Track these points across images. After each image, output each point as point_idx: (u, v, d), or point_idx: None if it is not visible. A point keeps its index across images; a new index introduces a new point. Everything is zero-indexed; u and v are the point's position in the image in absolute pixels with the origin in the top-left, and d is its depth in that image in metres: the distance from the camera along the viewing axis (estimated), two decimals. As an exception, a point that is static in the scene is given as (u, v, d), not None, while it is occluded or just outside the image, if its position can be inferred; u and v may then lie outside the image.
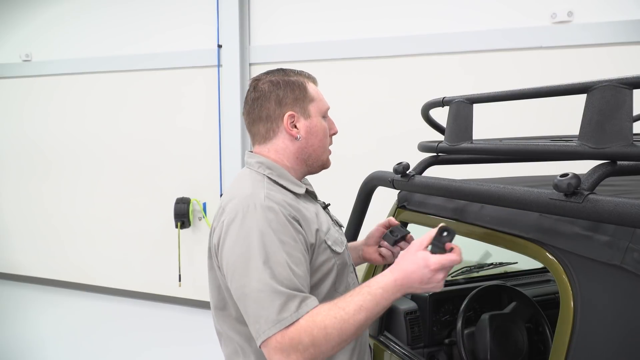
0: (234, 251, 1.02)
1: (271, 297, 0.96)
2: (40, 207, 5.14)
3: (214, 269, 1.14)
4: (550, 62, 3.33)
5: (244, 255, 1.00)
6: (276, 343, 0.94)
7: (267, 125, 1.18)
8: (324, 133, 1.21)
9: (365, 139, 3.80)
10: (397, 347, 1.60)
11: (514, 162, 1.41)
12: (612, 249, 0.86)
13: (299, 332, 0.94)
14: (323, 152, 1.22)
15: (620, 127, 0.83)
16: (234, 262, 1.01)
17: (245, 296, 0.99)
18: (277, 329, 0.94)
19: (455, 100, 1.25)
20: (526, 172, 1.76)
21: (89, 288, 4.95)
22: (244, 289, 0.99)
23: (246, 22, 4.16)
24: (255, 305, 0.97)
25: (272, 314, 0.95)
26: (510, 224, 1.12)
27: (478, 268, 2.23)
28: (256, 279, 0.97)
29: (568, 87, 0.94)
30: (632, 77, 0.83)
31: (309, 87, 1.20)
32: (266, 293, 0.96)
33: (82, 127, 4.88)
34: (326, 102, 1.24)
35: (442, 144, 1.32)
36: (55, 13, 4.87)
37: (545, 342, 1.71)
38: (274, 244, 1.00)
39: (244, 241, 1.01)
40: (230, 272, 1.03)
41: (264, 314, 0.96)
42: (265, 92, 1.17)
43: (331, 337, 0.94)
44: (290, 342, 0.94)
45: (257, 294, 0.97)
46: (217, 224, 1.10)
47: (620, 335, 0.85)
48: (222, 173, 4.32)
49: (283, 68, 1.22)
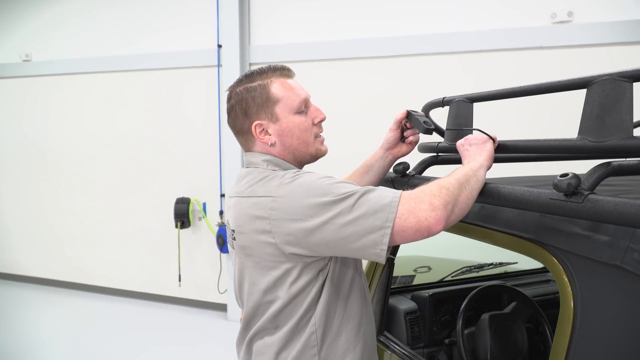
0: (306, 206, 1.00)
1: (368, 196, 0.97)
2: (39, 207, 5.14)
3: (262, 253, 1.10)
4: (550, 62, 3.34)
5: (318, 199, 0.99)
6: (409, 201, 0.94)
7: (244, 137, 1.20)
8: (300, 129, 1.17)
9: (365, 139, 3.79)
10: (397, 347, 1.60)
11: (514, 161, 1.41)
12: (612, 249, 0.85)
13: (420, 188, 0.97)
14: (306, 146, 1.18)
15: (620, 119, 0.83)
16: (316, 211, 0.99)
17: (348, 216, 0.96)
18: (397, 198, 0.95)
19: (456, 100, 1.25)
20: (526, 172, 1.76)
21: (89, 288, 4.95)
22: (335, 219, 0.97)
23: (246, 22, 4.16)
24: (362, 210, 0.96)
25: (379, 200, 0.95)
26: (510, 224, 1.12)
27: (478, 268, 2.23)
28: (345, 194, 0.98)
29: (569, 83, 0.94)
30: (632, 70, 0.83)
31: (272, 88, 1.15)
32: (363, 197, 0.97)
33: (81, 127, 4.88)
34: (298, 95, 1.17)
35: (442, 144, 1.32)
36: (55, 13, 4.87)
37: (545, 342, 1.71)
38: (332, 179, 1.03)
39: (310, 193, 1.01)
40: (316, 221, 0.99)
41: (373, 208, 0.95)
42: (233, 105, 1.18)
43: (450, 184, 0.98)
44: (422, 192, 0.95)
45: (358, 202, 0.96)
46: (259, 211, 1.06)
47: (620, 335, 0.85)
48: (222, 173, 4.32)
49: (250, 72, 1.19)
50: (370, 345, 1.20)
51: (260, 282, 1.12)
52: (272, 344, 1.12)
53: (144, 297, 4.72)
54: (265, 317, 1.13)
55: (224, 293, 4.33)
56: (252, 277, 1.14)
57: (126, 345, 3.75)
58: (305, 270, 1.08)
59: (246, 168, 1.21)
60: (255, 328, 1.16)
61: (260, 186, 1.09)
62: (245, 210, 1.10)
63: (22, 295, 4.93)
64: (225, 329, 4.06)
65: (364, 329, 1.17)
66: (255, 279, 1.13)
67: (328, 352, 1.11)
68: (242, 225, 1.12)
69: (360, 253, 0.99)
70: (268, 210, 1.05)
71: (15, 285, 5.21)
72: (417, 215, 0.93)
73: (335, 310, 1.12)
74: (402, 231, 0.94)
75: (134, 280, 4.78)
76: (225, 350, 3.43)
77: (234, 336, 1.27)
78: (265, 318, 1.13)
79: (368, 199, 0.96)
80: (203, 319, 4.32)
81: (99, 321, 4.25)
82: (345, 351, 1.12)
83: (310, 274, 1.08)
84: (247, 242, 1.11)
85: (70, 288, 5.03)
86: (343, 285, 1.14)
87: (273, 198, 1.04)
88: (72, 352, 3.62)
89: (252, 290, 1.14)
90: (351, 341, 1.13)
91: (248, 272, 1.15)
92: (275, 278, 1.09)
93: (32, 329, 4.04)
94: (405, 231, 0.94)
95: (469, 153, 1.14)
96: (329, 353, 1.11)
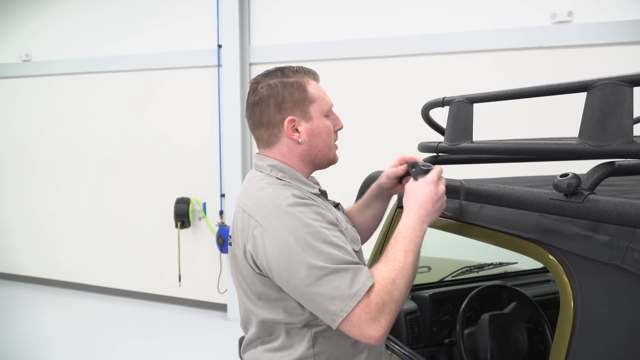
0: (281, 252, 1.00)
1: (338, 277, 0.97)
2: (40, 207, 5.14)
3: (244, 268, 1.11)
4: (550, 62, 3.33)
5: (292, 253, 0.99)
6: (363, 314, 0.95)
7: (269, 130, 1.16)
8: (327, 133, 1.18)
9: (365, 139, 3.80)
10: (397, 347, 1.60)
11: (514, 162, 1.41)
12: (612, 249, 0.85)
13: (379, 295, 0.96)
14: (328, 150, 1.20)
15: (620, 124, 0.83)
16: (285, 262, 1.00)
17: (308, 288, 0.98)
18: (356, 301, 0.95)
19: (456, 100, 1.25)
20: (526, 172, 1.76)
21: (89, 288, 4.95)
22: (305, 281, 0.98)
23: (246, 22, 4.16)
24: (323, 290, 0.97)
25: (345, 290, 0.95)
26: (510, 224, 1.12)
27: (478, 268, 2.23)
28: (316, 267, 0.97)
29: (568, 86, 0.94)
30: (633, 74, 0.83)
31: (309, 88, 1.16)
32: (331, 276, 0.97)
33: (82, 128, 4.88)
34: (329, 100, 1.20)
35: (442, 144, 1.32)
36: (55, 13, 4.87)
37: (545, 342, 1.71)
38: (318, 233, 1.01)
39: (288, 240, 1.00)
40: (283, 272, 1.01)
41: (337, 294, 0.96)
42: (264, 97, 1.14)
43: (401, 287, 0.98)
44: (377, 306, 0.95)
45: (322, 280, 0.97)
46: (246, 229, 1.07)
47: (620, 335, 0.85)
48: (222, 173, 4.32)
49: (282, 67, 1.18)
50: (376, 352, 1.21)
51: (247, 290, 1.14)
52: (267, 349, 1.13)
53: (143, 297, 4.72)
54: (256, 325, 1.14)
55: (224, 293, 4.33)
56: (241, 284, 1.16)
57: (126, 345, 3.75)
58: None
59: (254, 170, 1.21)
60: (249, 335, 1.17)
61: (253, 202, 1.10)
62: (238, 221, 1.13)
63: (22, 295, 4.93)
64: (225, 329, 4.06)
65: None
66: (244, 287, 1.15)
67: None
68: (235, 234, 1.14)
69: (315, 312, 1.02)
70: (252, 232, 1.06)
71: (15, 285, 5.21)
72: (362, 330, 0.96)
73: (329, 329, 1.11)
74: (345, 329, 0.97)
75: (134, 280, 4.78)
76: (225, 350, 3.43)
77: (234, 336, 1.28)
78: (256, 326, 1.14)
79: (333, 280, 0.97)
80: (203, 319, 4.32)
81: (98, 321, 4.25)
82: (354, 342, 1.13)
83: None
84: (236, 251, 1.14)
85: (70, 288, 5.03)
86: None
87: (258, 225, 1.05)
88: (72, 352, 3.62)
89: (242, 297, 1.17)
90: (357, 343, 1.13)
91: (237, 279, 1.17)
92: (260, 290, 1.10)
93: (32, 329, 4.04)
94: (347, 331, 0.98)
95: (406, 203, 1.12)
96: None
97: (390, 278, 0.98)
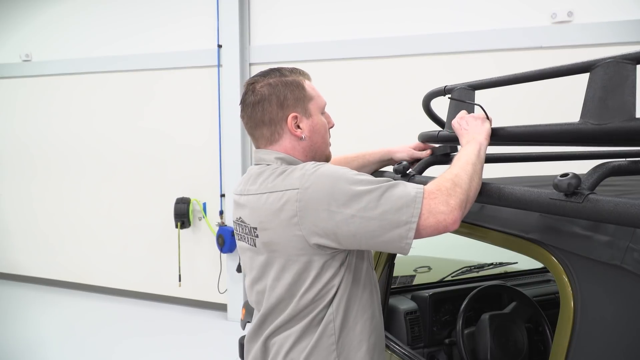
0: (334, 194, 1.02)
1: (392, 191, 0.99)
2: (40, 207, 5.14)
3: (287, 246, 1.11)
4: (550, 62, 3.32)
5: (345, 189, 1.01)
6: (431, 202, 0.97)
7: (272, 128, 1.19)
8: (325, 129, 1.24)
9: (365, 139, 3.80)
10: (397, 347, 1.60)
11: (515, 145, 1.41)
12: (612, 249, 0.85)
13: (439, 184, 1.00)
14: (326, 147, 1.25)
15: (622, 102, 0.82)
16: (344, 199, 1.01)
17: (373, 211, 0.99)
18: (419, 200, 0.97)
19: (458, 88, 1.25)
20: (526, 172, 1.76)
21: (89, 288, 4.96)
22: (369, 205, 0.99)
23: (246, 22, 4.16)
24: (387, 206, 0.98)
25: (406, 197, 0.98)
26: (510, 224, 1.12)
27: (478, 268, 2.23)
28: (370, 191, 1.00)
29: (571, 67, 0.93)
30: (636, 52, 0.82)
31: (306, 86, 1.21)
32: (387, 193, 0.99)
33: (82, 128, 4.88)
34: (323, 98, 1.25)
35: (442, 132, 1.32)
36: (55, 13, 4.88)
37: (545, 342, 1.71)
38: (357, 175, 1.04)
39: (336, 182, 1.03)
40: (343, 210, 1.01)
41: (401, 203, 0.98)
42: (265, 96, 1.17)
43: (463, 178, 1.02)
44: (440, 192, 0.98)
45: (382, 199, 0.99)
46: (286, 204, 1.07)
47: (620, 336, 0.85)
48: (222, 173, 4.32)
49: (277, 68, 1.22)
50: (380, 336, 1.23)
51: (284, 276, 1.13)
52: (290, 335, 1.13)
53: (144, 297, 4.73)
54: (287, 311, 1.14)
55: (224, 293, 4.33)
56: (276, 272, 1.14)
57: (126, 344, 3.75)
58: (328, 262, 1.10)
59: (257, 165, 1.22)
60: (275, 323, 1.16)
61: (281, 180, 1.10)
62: (268, 206, 1.11)
63: (22, 295, 4.93)
64: (225, 329, 4.06)
65: (376, 320, 1.20)
66: (279, 274, 1.13)
67: (345, 342, 1.13)
68: (265, 221, 1.12)
69: (385, 246, 1.02)
70: (295, 203, 1.06)
71: (15, 285, 5.21)
72: (436, 216, 0.97)
73: (352, 301, 1.14)
74: (422, 229, 0.98)
75: (134, 280, 4.78)
76: (225, 350, 3.44)
77: (234, 336, 1.28)
78: (287, 312, 1.14)
79: (393, 194, 0.99)
80: (203, 319, 4.32)
81: (98, 321, 4.25)
82: (360, 341, 1.14)
83: (333, 266, 1.10)
84: (272, 238, 1.12)
85: (70, 288, 5.04)
86: (360, 277, 1.16)
87: (299, 190, 1.06)
88: (72, 352, 3.62)
89: (275, 286, 1.15)
90: (365, 332, 1.15)
91: (271, 268, 1.15)
92: (299, 272, 1.10)
93: (32, 329, 4.04)
94: (426, 229, 0.98)
95: (467, 132, 1.18)
96: (346, 342, 1.13)
97: (452, 173, 1.03)
